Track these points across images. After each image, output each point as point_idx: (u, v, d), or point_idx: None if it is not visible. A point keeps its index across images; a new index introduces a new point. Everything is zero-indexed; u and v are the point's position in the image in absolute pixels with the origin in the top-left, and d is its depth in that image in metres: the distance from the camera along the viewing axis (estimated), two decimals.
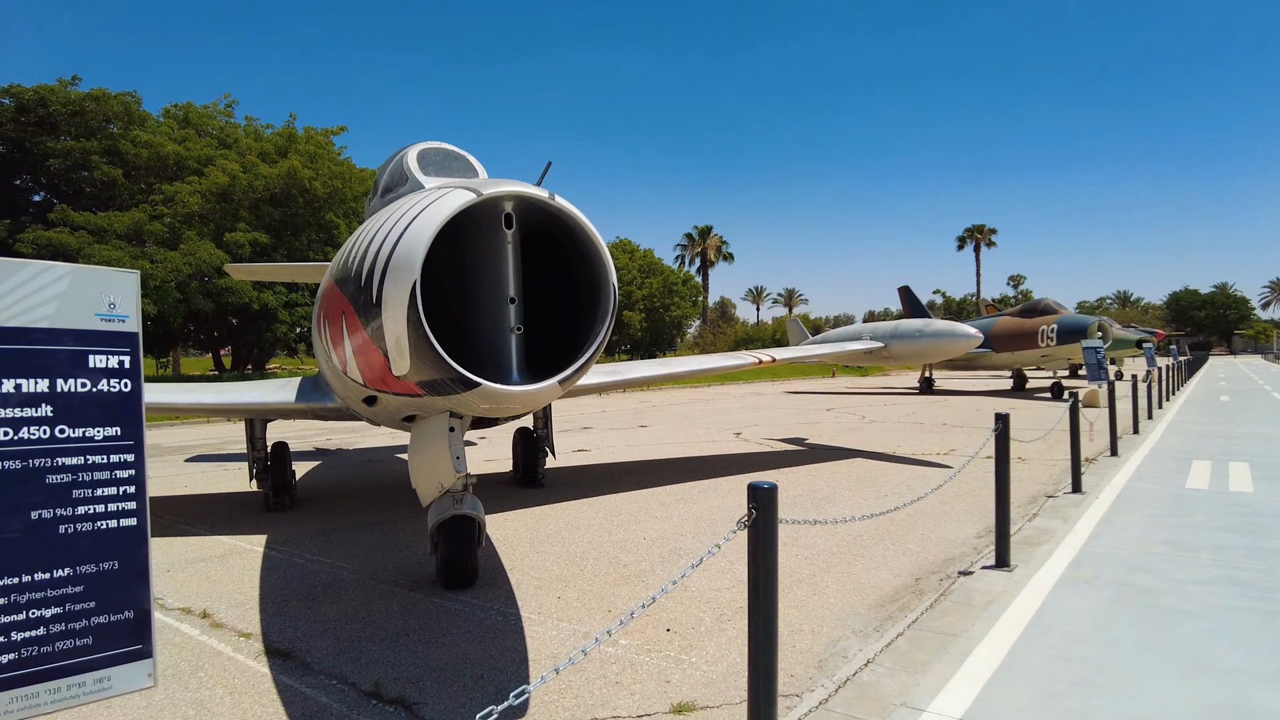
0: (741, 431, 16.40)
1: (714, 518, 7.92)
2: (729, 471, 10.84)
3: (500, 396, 3.69)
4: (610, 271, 3.95)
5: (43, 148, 32.98)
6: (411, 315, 3.48)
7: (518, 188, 3.73)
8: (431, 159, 5.48)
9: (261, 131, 38.72)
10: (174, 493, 10.44)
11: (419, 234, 3.57)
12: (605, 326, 3.94)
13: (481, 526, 5.68)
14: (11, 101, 32.81)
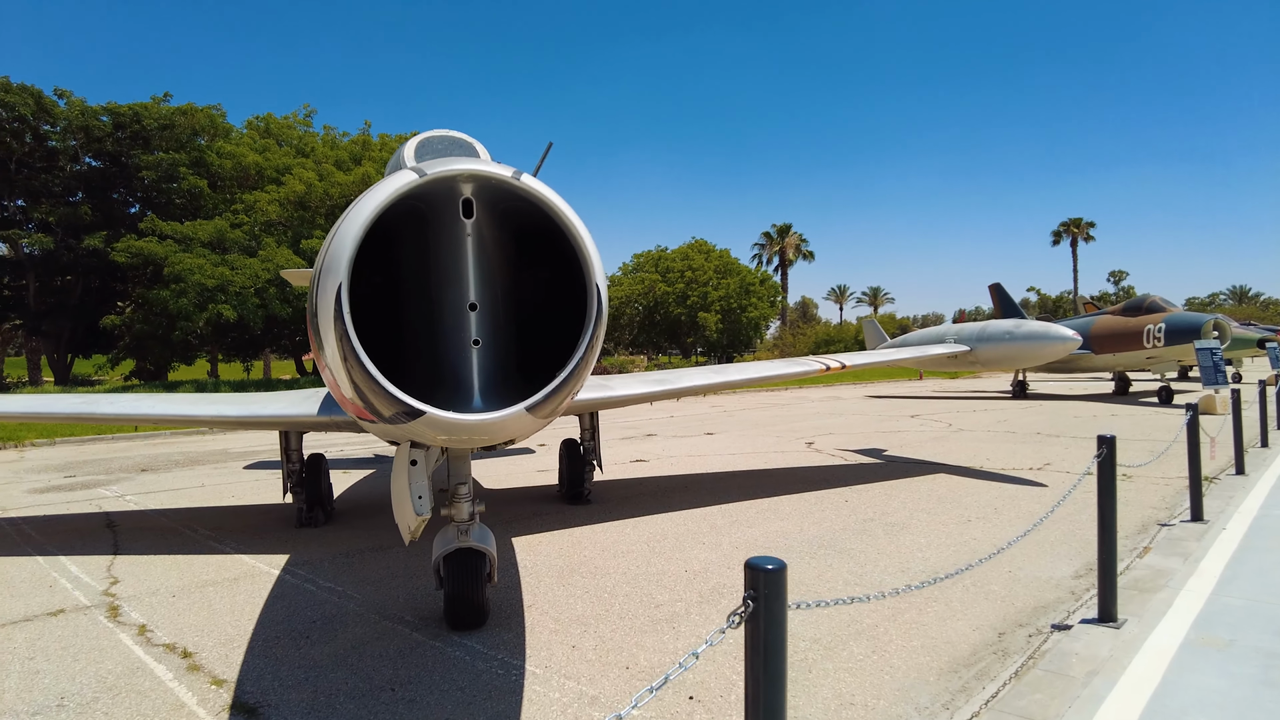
0: (814, 441, 15.37)
1: (769, 546, 7.07)
2: (794, 488, 9.93)
3: (452, 427, 3.01)
4: (593, 269, 3.21)
5: (137, 161, 34.40)
6: (339, 328, 2.84)
7: (471, 165, 3.03)
8: (431, 147, 4.85)
9: (338, 140, 39.54)
10: (219, 503, 10.22)
11: (348, 229, 2.93)
12: (587, 339, 3.19)
13: (492, 561, 5.03)
14: (110, 119, 34.38)
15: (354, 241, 2.87)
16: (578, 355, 3.15)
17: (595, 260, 3.20)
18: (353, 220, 2.92)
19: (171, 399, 8.05)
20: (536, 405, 3.11)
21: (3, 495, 11.31)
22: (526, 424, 3.21)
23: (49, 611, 5.78)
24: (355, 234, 2.88)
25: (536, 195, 3.13)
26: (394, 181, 2.97)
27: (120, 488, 11.77)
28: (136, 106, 34.39)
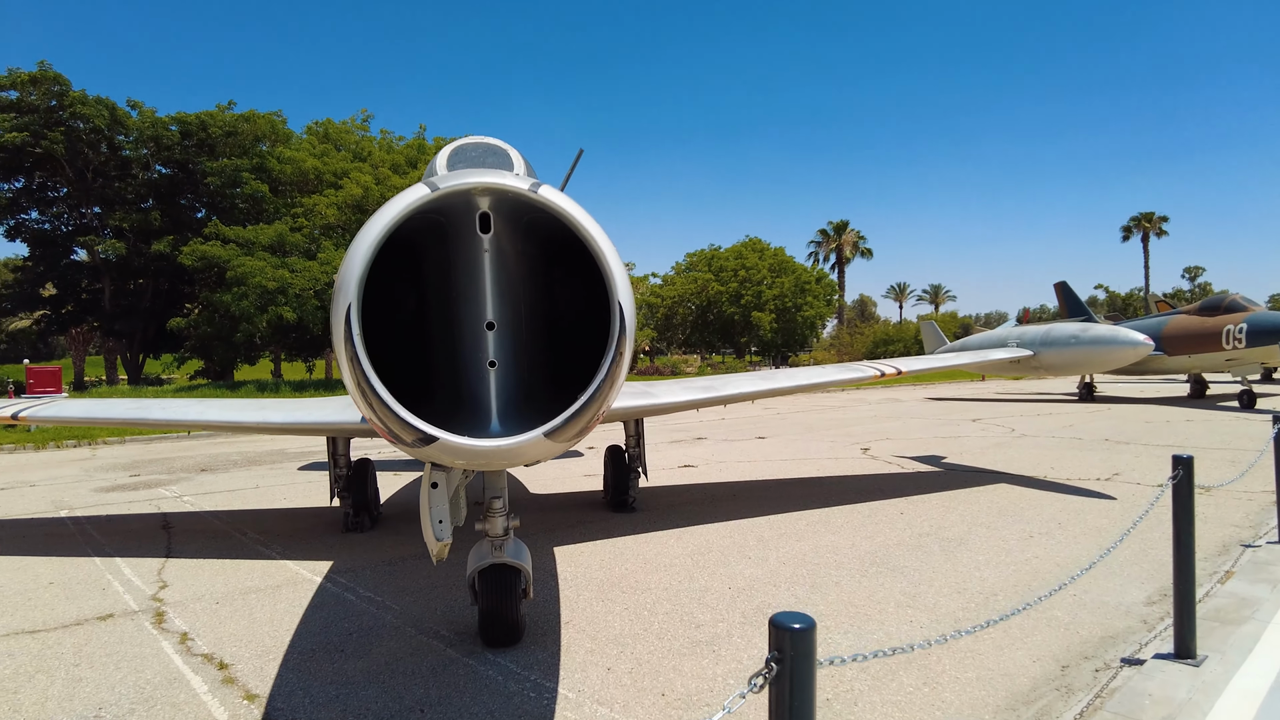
0: (870, 447, 14.95)
1: (818, 562, 6.81)
2: (847, 499, 9.61)
3: (466, 453, 2.87)
4: (615, 286, 3.03)
5: (203, 168, 35.55)
6: (349, 349, 2.73)
7: (486, 178, 2.89)
8: (465, 155, 4.73)
9: (394, 144, 40.24)
10: (270, 505, 10.37)
11: (357, 248, 2.81)
12: (610, 360, 3.01)
13: (527, 577, 4.90)
14: (177, 128, 35.61)
15: (362, 261, 2.76)
16: (599, 378, 2.98)
17: (619, 276, 3.02)
18: (362, 238, 2.81)
19: (220, 405, 8.16)
20: (555, 430, 2.95)
21: (71, 493, 11.68)
22: (545, 449, 3.06)
23: (99, 615, 5.86)
24: (364, 254, 2.76)
25: (555, 209, 2.97)
26: (406, 196, 2.85)
27: (179, 488, 12.05)
28: (203, 115, 35.58)
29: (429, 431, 2.77)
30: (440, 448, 2.82)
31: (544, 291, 3.67)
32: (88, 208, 39.93)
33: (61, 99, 36.48)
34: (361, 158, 37.92)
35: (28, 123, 35.85)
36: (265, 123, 36.56)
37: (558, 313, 3.72)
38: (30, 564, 7.50)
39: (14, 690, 4.59)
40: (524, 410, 3.25)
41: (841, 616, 5.39)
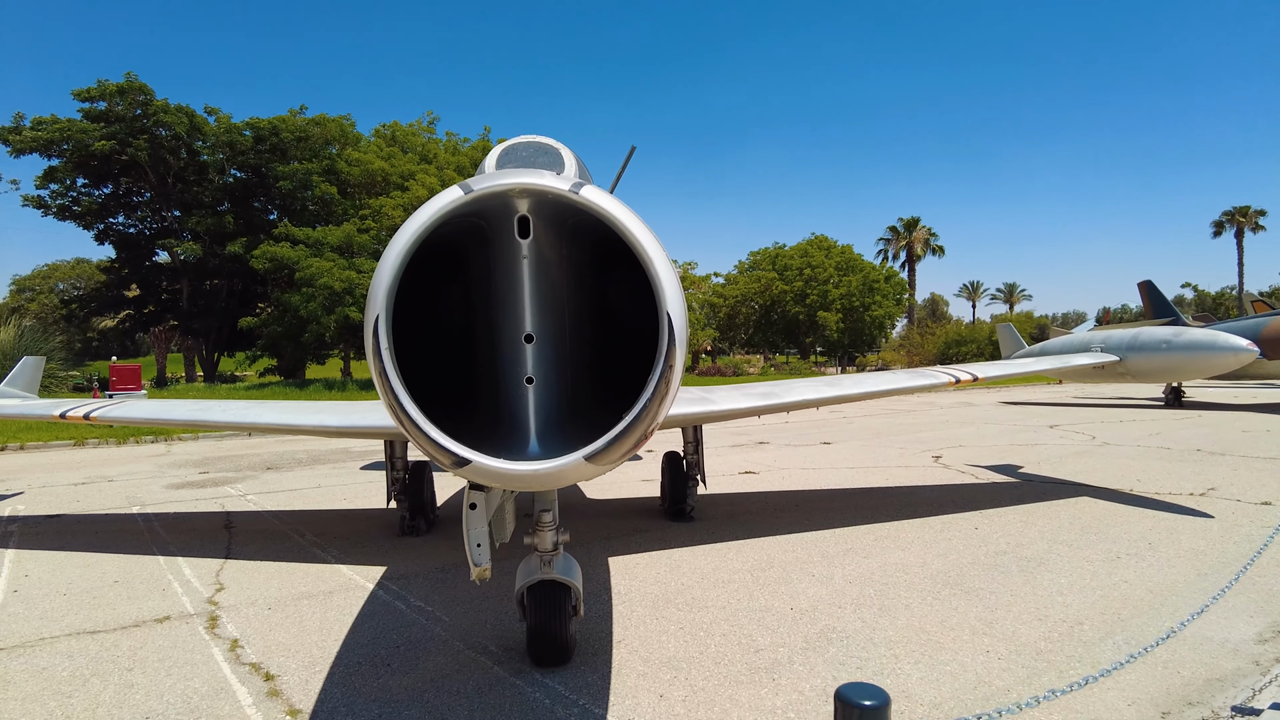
0: (942, 455, 14.35)
1: (886, 581, 6.43)
2: (918, 511, 9.16)
3: (501, 477, 2.66)
4: (664, 294, 2.76)
5: (275, 172, 36.64)
6: (376, 364, 2.54)
7: (524, 179, 2.66)
8: (515, 155, 4.53)
9: (459, 145, 40.81)
10: (329, 506, 10.44)
11: (387, 256, 2.63)
12: (657, 377, 2.76)
13: (577, 595, 4.68)
14: (251, 133, 36.78)
15: (392, 271, 2.57)
16: (645, 397, 2.73)
17: (668, 284, 2.76)
18: (392, 246, 2.62)
19: (277, 408, 8.20)
20: (597, 454, 2.72)
21: (144, 490, 12.00)
22: (586, 472, 2.82)
23: (156, 618, 5.88)
24: (394, 263, 2.58)
25: (599, 211, 2.72)
26: (439, 200, 2.65)
27: (245, 486, 12.26)
28: (275, 120, 36.72)
29: (461, 454, 2.57)
30: (474, 470, 2.62)
31: (589, 299, 3.44)
32: (168, 211, 41.63)
33: (146, 108, 38.08)
34: (427, 160, 38.56)
35: (115, 131, 37.52)
36: (335, 126, 37.57)
37: (604, 321, 3.49)
38: (100, 561, 7.63)
39: (68, 694, 4.58)
40: (566, 428, 3.03)
41: (911, 644, 5.03)
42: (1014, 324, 66.11)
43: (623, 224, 2.73)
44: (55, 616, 5.97)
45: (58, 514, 10.20)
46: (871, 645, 5.01)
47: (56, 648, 5.30)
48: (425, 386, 2.86)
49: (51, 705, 4.43)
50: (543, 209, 2.80)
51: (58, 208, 40.89)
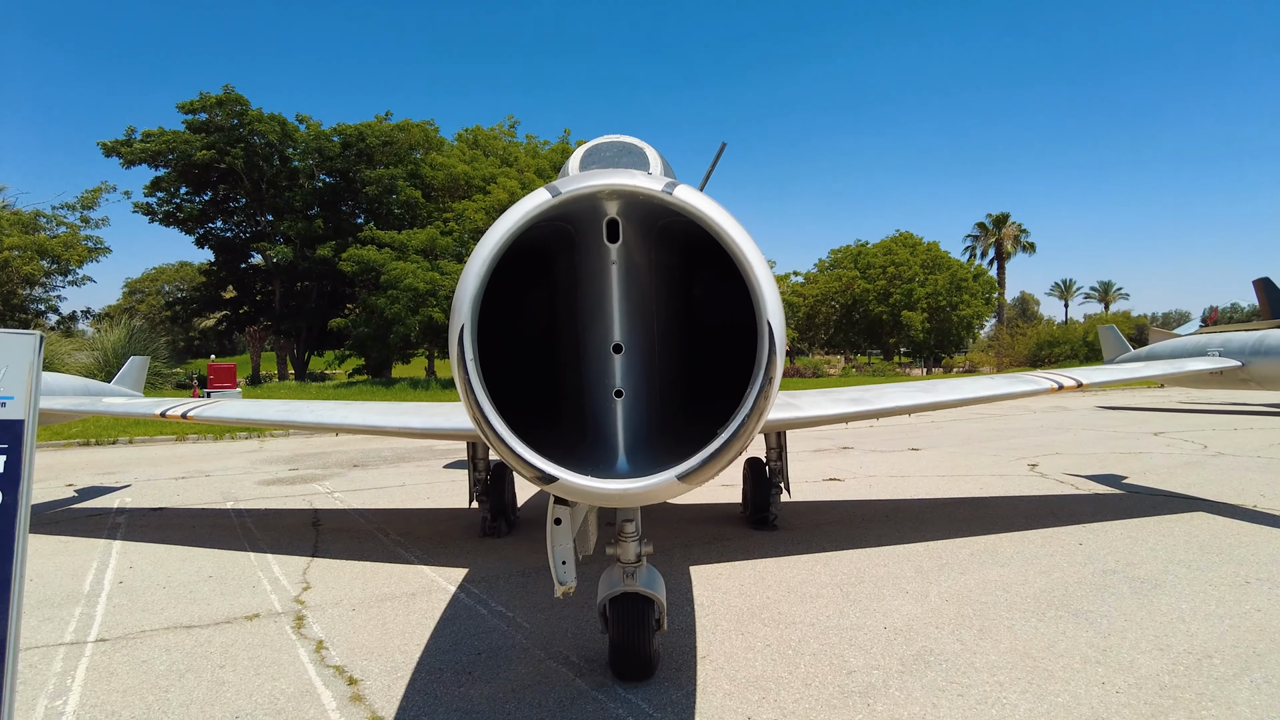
0: (1038, 463, 13.65)
1: (985, 600, 6.06)
2: (1015, 524, 8.67)
3: (588, 495, 2.52)
4: (765, 301, 2.57)
5: (362, 177, 37.83)
6: (461, 374, 2.43)
7: (613, 179, 2.50)
8: (599, 155, 4.39)
9: (539, 148, 41.33)
10: (413, 505, 10.58)
11: (473, 263, 2.51)
12: (756, 390, 2.57)
13: (661, 608, 4.53)
14: (339, 139, 38.08)
15: (477, 279, 2.46)
16: (743, 412, 2.55)
17: (768, 291, 2.57)
18: (478, 252, 2.51)
19: (362, 409, 8.32)
20: (690, 474, 2.55)
21: (238, 485, 12.43)
22: (678, 490, 2.66)
23: (247, 615, 6.00)
24: (479, 270, 2.47)
25: (694, 212, 2.55)
26: (525, 203, 2.52)
27: (332, 484, 12.57)
28: (361, 126, 37.95)
29: (548, 470, 2.44)
30: (561, 488, 2.49)
31: (677, 304, 3.28)
32: (261, 216, 43.54)
33: (242, 117, 39.93)
34: (508, 163, 39.21)
35: (214, 141, 39.48)
36: (419, 131, 38.60)
37: (693, 326, 3.31)
38: (196, 555, 7.89)
39: (165, 689, 4.68)
40: (655, 441, 2.87)
41: (1016, 671, 4.69)
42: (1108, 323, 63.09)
43: (721, 227, 2.55)
44: (155, 609, 6.17)
45: (160, 507, 10.64)
46: (973, 670, 4.69)
47: (156, 641, 5.45)
48: (509, 393, 2.75)
49: (150, 699, 4.53)
50: (633, 211, 2.65)
51: (163, 214, 43.30)
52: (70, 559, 7.88)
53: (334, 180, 40.76)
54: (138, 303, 71.29)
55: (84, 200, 40.70)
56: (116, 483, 12.89)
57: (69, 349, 31.59)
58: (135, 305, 69.04)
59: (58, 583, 7.00)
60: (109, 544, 8.47)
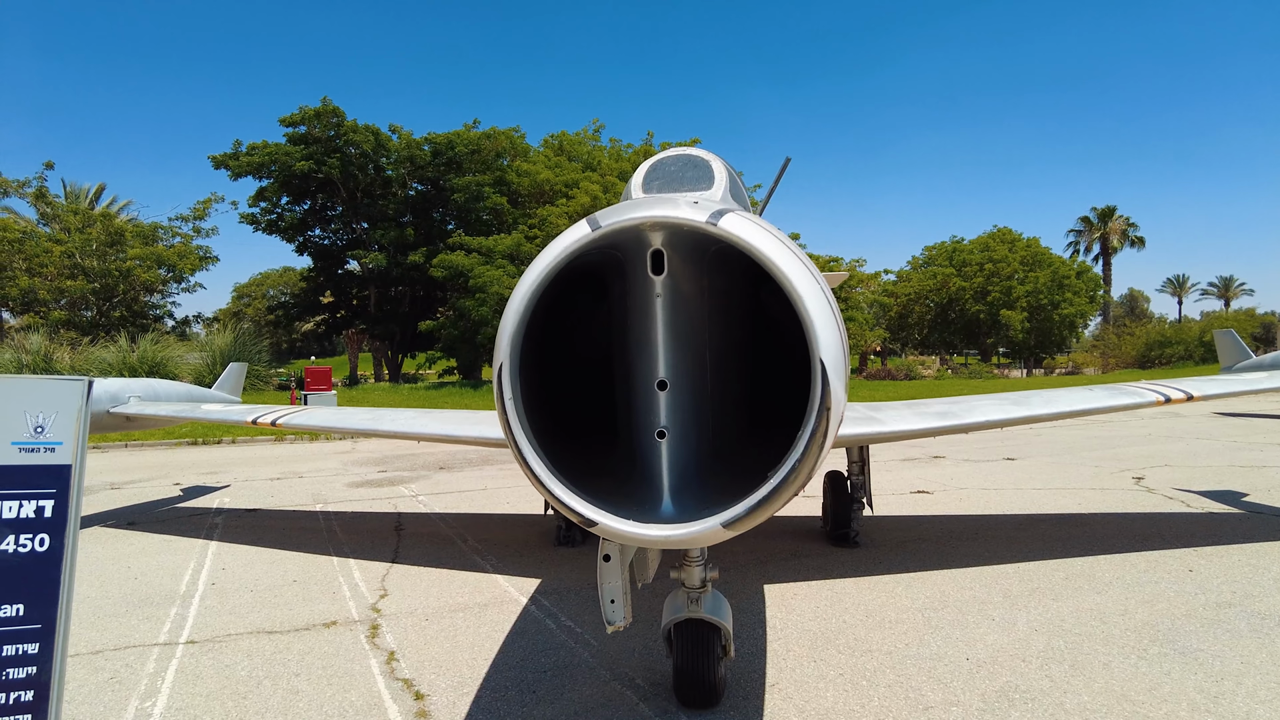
0: (1144, 476, 12.80)
1: (1079, 632, 5.66)
2: (1116, 545, 8.12)
3: (630, 539, 2.41)
4: (817, 338, 2.40)
5: (451, 185, 38.85)
6: (501, 414, 2.37)
7: (653, 210, 2.38)
8: (661, 172, 4.27)
9: (622, 151, 41.53)
10: (492, 510, 10.72)
11: (514, 299, 2.46)
12: (807, 435, 2.41)
13: (727, 635, 4.39)
14: (429, 148, 39.20)
15: (516, 316, 2.40)
16: (793, 458, 2.40)
17: (821, 325, 2.40)
18: (518, 290, 2.45)
19: (443, 418, 8.46)
20: (737, 521, 2.42)
21: (328, 488, 12.88)
22: (722, 537, 2.52)
23: (325, 622, 6.16)
24: (519, 308, 2.41)
25: (743, 245, 2.40)
26: (565, 238, 2.44)
27: (417, 486, 12.88)
28: (450, 135, 38.98)
29: (588, 514, 2.35)
30: (603, 531, 2.40)
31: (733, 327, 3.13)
32: (357, 224, 45.29)
33: (338, 129, 41.63)
34: (592, 167, 39.59)
35: (313, 152, 41.30)
36: (505, 139, 39.44)
37: (751, 347, 3.17)
38: (283, 559, 8.18)
39: (243, 695, 4.83)
40: (708, 479, 2.74)
41: (1112, 715, 4.34)
42: (1232, 323, 58.86)
43: (769, 258, 2.41)
44: (242, 612, 6.40)
45: (255, 508, 11.11)
46: (1063, 712, 4.37)
47: (239, 646, 5.64)
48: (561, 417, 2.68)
49: (229, 705, 4.69)
50: (678, 241, 2.54)
51: (266, 223, 45.57)
52: (171, 558, 8.29)
53: (425, 188, 42.07)
54: (245, 307, 75.28)
55: (196, 211, 43.29)
56: (217, 483, 13.55)
57: (182, 351, 33.56)
58: (243, 309, 72.91)
59: (158, 582, 7.36)
60: (206, 544, 8.87)
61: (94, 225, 39.97)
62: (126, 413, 9.69)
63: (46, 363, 27.23)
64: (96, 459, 17.06)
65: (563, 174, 37.80)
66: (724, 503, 2.46)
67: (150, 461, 16.82)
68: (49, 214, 41.74)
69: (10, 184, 40.72)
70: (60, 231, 39.92)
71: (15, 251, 37.07)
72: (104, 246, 39.34)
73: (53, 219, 41.47)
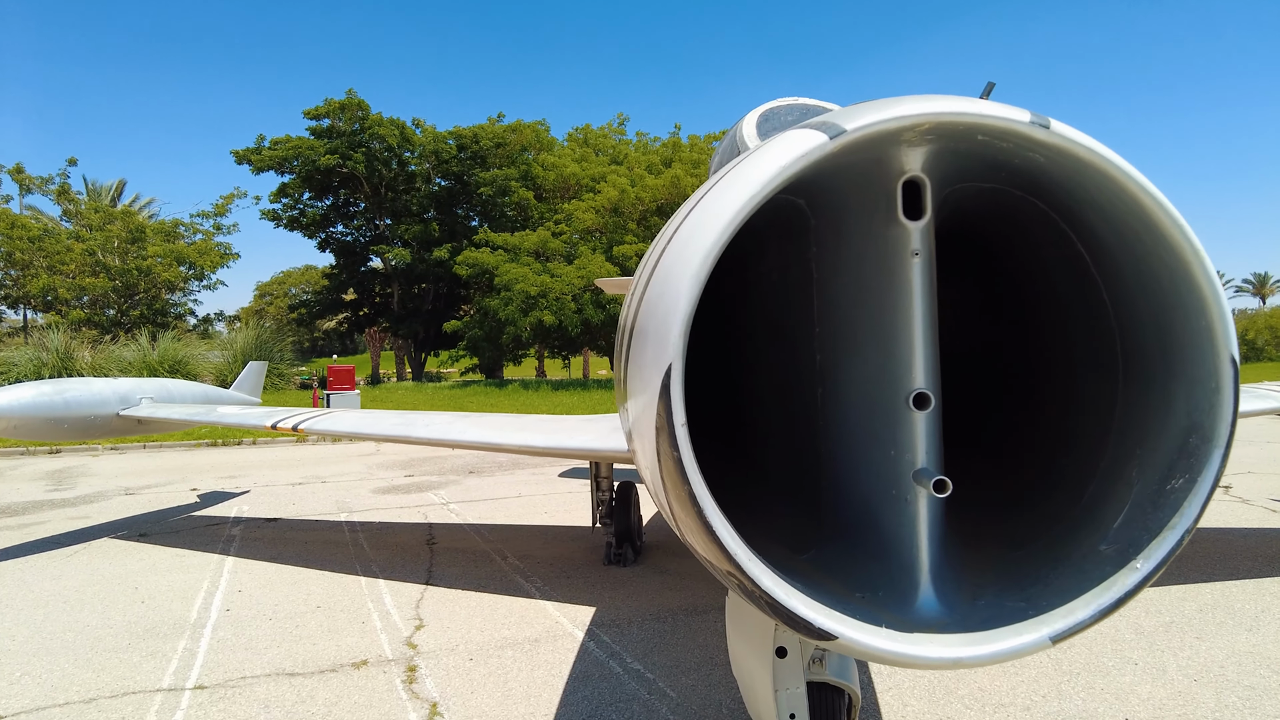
0: (1230, 484, 11.75)
1: (1249, 684, 4.73)
2: (1240, 568, 7.16)
3: (892, 660, 1.55)
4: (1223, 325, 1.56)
5: (476, 179, 38.12)
6: (663, 439, 1.49)
7: (936, 105, 1.51)
8: (778, 120, 3.43)
9: (649, 145, 40.63)
10: (530, 521, 9.90)
11: (679, 260, 1.57)
12: (1208, 481, 1.57)
13: (855, 701, 3.51)
14: (454, 142, 38.49)
15: (695, 282, 1.48)
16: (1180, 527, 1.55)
17: (1226, 306, 1.56)
18: (697, 241, 1.51)
19: (480, 424, 7.65)
20: (1070, 633, 1.57)
21: (352, 494, 12.11)
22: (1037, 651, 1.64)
23: (354, 661, 5.35)
24: (696, 270, 1.47)
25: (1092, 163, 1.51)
26: (782, 153, 1.52)
27: (447, 493, 12.09)
28: (475, 129, 38.25)
29: (823, 626, 1.50)
30: (848, 649, 1.53)
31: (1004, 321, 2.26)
32: (380, 220, 44.69)
33: (363, 122, 41.00)
34: (618, 161, 38.71)
35: (336, 146, 40.73)
36: (530, 132, 38.65)
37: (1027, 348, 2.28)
38: (306, 579, 7.40)
39: None
40: (955, 543, 1.86)
41: None
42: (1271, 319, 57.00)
43: (1154, 196, 1.53)
44: (259, 648, 5.61)
45: (275, 518, 10.36)
46: None
47: (255, 693, 4.84)
48: None
49: None
50: (949, 163, 1.66)
51: (288, 219, 45.06)
52: (183, 577, 7.53)
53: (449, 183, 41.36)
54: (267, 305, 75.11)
55: (217, 208, 42.81)
56: (236, 488, 12.84)
57: (203, 349, 33.07)
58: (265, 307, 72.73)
59: (167, 607, 6.59)
60: (222, 560, 8.12)
61: (115, 222, 39.62)
62: (138, 415, 8.96)
63: (67, 361, 26.78)
64: (113, 462, 16.45)
65: (589, 168, 36.94)
66: (984, 581, 1.61)
67: (168, 464, 16.16)
68: (71, 211, 41.46)
69: (34, 180, 40.44)
70: (81, 229, 39.61)
71: (36, 249, 36.77)
72: (125, 244, 38.98)
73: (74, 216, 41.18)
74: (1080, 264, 1.95)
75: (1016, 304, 2.27)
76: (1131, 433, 1.84)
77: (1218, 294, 1.55)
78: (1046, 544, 1.86)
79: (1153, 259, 1.62)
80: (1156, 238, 1.56)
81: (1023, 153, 1.59)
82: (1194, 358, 1.60)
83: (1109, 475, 1.85)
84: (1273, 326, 55.77)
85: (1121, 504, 1.73)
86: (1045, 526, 1.96)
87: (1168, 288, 1.62)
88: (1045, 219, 1.93)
